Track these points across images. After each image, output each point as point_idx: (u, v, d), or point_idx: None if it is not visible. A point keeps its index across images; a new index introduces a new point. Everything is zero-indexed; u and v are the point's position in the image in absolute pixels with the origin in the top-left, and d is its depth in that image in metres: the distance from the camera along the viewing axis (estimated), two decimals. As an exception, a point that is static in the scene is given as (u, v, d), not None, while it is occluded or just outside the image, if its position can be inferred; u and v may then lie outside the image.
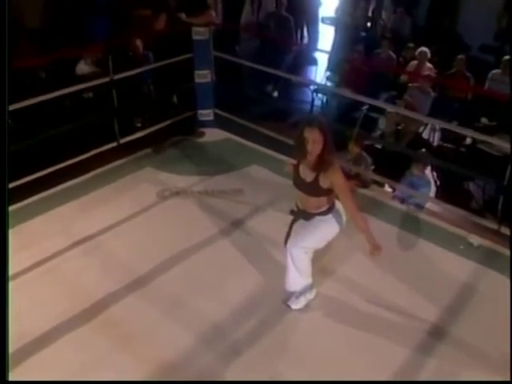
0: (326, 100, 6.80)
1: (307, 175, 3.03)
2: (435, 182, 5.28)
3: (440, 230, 3.92)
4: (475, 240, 3.72)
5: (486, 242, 3.74)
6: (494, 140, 4.44)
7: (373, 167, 4.75)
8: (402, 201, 4.33)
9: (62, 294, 3.36)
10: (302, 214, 3.14)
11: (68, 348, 3.02)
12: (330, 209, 3.08)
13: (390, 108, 5.61)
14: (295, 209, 3.18)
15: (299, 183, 3.09)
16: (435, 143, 5.89)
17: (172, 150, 4.94)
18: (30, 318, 3.15)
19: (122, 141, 4.65)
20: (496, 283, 3.43)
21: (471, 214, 3.98)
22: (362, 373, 2.92)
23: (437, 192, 5.23)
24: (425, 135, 6.02)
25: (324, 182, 2.97)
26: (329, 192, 3.01)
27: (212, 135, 5.15)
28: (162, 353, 3.00)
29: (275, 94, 7.15)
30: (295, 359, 2.99)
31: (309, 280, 3.26)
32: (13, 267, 3.43)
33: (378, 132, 6.09)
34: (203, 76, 4.80)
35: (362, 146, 4.67)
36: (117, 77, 4.45)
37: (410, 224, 3.98)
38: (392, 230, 3.90)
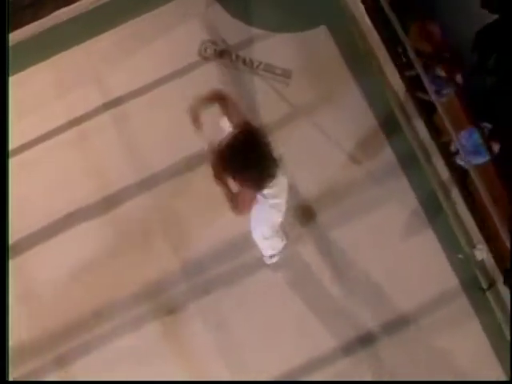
0: None
1: None
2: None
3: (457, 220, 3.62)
4: (481, 254, 3.52)
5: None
6: None
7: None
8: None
9: (85, 173, 3.70)
10: None
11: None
12: None
13: None
14: None
15: None
16: None
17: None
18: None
19: None
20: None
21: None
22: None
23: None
24: None
25: None
26: None
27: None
28: (148, 268, 3.62)
29: None
30: (248, 314, 3.55)
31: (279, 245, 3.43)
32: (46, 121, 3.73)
33: None
34: None
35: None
36: None
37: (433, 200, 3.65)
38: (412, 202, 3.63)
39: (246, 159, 2.49)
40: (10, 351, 3.21)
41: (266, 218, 3.06)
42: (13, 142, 3.67)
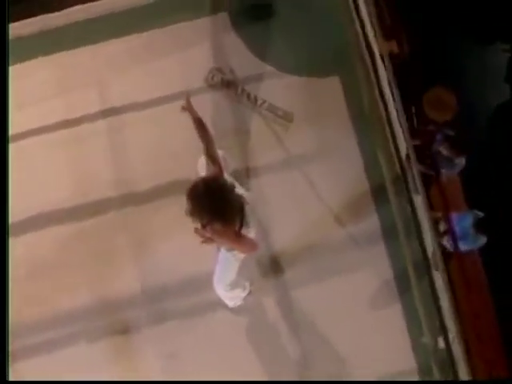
0: None
1: None
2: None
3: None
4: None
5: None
6: None
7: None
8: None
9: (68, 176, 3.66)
10: None
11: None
12: None
13: None
14: None
15: None
16: None
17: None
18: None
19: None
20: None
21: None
22: None
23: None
24: None
25: None
26: None
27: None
28: (109, 284, 3.57)
29: None
30: (202, 351, 3.48)
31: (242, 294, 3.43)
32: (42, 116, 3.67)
33: None
34: None
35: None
36: None
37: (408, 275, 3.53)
38: (386, 273, 3.54)
39: (201, 206, 2.55)
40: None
41: (228, 270, 3.02)
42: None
